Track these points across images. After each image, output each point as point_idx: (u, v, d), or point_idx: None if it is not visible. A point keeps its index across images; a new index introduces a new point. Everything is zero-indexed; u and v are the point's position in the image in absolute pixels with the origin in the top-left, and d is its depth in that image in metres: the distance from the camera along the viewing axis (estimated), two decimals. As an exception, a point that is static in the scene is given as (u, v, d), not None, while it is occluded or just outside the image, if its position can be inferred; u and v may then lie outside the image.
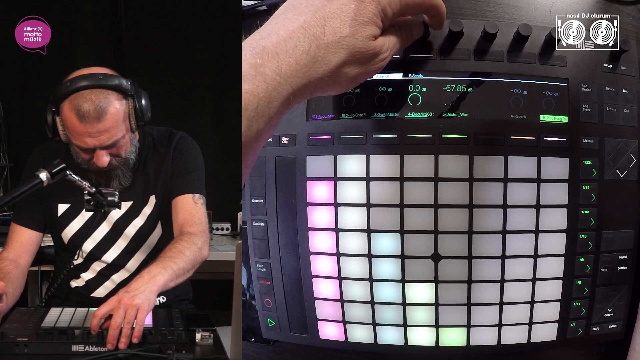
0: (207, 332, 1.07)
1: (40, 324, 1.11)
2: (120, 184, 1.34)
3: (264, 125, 0.68)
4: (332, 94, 0.75)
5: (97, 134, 1.24)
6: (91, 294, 1.39)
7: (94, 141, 1.25)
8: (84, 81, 1.25)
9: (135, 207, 1.38)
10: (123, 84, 1.27)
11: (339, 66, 0.70)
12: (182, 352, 1.00)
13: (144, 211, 1.38)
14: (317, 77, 0.69)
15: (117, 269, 1.39)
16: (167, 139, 1.42)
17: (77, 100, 1.23)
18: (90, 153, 1.28)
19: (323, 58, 0.69)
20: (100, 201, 1.21)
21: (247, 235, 0.96)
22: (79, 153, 1.30)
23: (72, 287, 1.40)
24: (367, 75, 0.74)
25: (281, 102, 0.68)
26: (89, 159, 1.30)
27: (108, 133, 1.25)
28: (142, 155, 1.39)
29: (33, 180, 1.10)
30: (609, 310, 0.90)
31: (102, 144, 1.26)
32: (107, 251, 1.38)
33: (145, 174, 1.39)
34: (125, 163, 1.33)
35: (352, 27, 0.69)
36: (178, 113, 2.38)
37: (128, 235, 1.38)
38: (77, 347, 1.02)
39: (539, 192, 0.87)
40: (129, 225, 1.38)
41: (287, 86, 0.67)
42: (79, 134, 1.25)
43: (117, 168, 1.32)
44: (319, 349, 0.95)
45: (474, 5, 0.97)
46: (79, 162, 1.32)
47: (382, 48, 0.73)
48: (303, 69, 0.68)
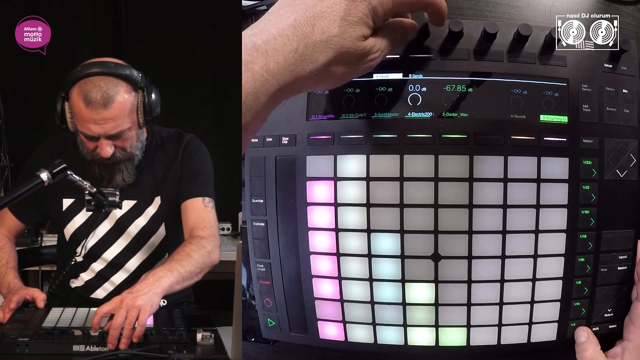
0: (208, 332, 1.07)
1: (41, 324, 1.11)
2: (123, 180, 1.34)
3: (251, 118, 0.69)
4: (320, 90, 0.75)
5: (103, 121, 1.24)
6: (90, 295, 1.39)
7: (99, 129, 1.25)
8: (94, 68, 1.25)
9: (139, 207, 1.38)
10: (134, 75, 1.28)
11: (327, 65, 0.70)
12: (183, 352, 1.00)
13: (147, 211, 1.38)
14: (305, 75, 0.70)
15: (116, 269, 1.39)
16: (176, 140, 1.42)
17: (86, 85, 1.23)
18: (95, 141, 1.28)
19: (311, 57, 0.69)
20: (101, 201, 1.21)
21: (247, 235, 0.96)
22: (84, 142, 1.30)
23: (72, 287, 1.40)
24: (355, 74, 0.74)
25: (268, 97, 0.69)
26: (94, 149, 1.29)
27: (113, 122, 1.25)
28: (150, 154, 1.38)
29: (34, 180, 1.10)
30: (609, 310, 0.90)
31: (106, 132, 1.26)
32: (108, 249, 1.38)
33: (152, 173, 1.39)
34: (130, 158, 1.33)
35: (341, 26, 0.70)
36: (178, 113, 2.38)
37: (130, 234, 1.38)
38: (78, 347, 1.02)
39: (539, 192, 0.87)
40: (132, 224, 1.38)
41: (274, 83, 0.68)
42: (84, 120, 1.25)
43: (121, 162, 1.32)
44: (319, 349, 0.95)
45: (474, 5, 0.97)
46: (84, 152, 1.31)
47: (372, 48, 0.73)
48: (290, 66, 0.69)
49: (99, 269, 1.39)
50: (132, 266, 1.39)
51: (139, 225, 1.38)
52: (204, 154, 1.44)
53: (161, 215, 1.39)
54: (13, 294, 1.21)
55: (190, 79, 2.52)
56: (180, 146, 1.41)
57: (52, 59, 2.18)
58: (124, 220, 1.38)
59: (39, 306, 1.22)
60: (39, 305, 1.22)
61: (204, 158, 1.44)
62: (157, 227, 1.40)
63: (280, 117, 0.93)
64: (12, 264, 1.36)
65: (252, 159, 0.94)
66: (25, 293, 1.23)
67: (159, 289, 1.14)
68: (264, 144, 0.93)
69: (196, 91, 2.54)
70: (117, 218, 1.38)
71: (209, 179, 1.43)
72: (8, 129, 2.37)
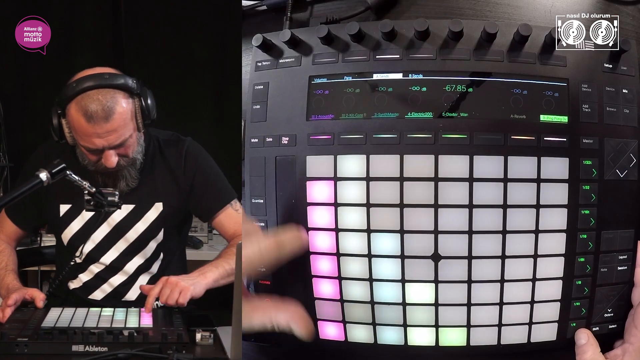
0: (208, 332, 1.07)
1: (41, 324, 1.11)
2: (127, 185, 1.34)
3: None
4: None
5: (106, 134, 1.24)
6: (88, 296, 1.39)
7: (103, 142, 1.25)
8: (90, 81, 1.24)
9: (138, 211, 1.38)
10: (129, 83, 1.27)
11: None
12: (182, 352, 1.00)
13: (147, 216, 1.38)
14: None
15: (114, 271, 1.39)
16: (174, 145, 1.42)
17: (84, 100, 1.23)
18: (98, 154, 1.28)
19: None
20: (101, 201, 1.21)
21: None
22: (86, 155, 1.29)
23: (70, 288, 1.40)
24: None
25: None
26: (97, 160, 1.29)
27: (116, 133, 1.25)
28: (148, 157, 1.38)
29: (33, 180, 1.10)
30: (609, 310, 0.90)
31: (110, 144, 1.26)
32: (106, 253, 1.38)
33: (151, 178, 1.38)
34: (133, 163, 1.33)
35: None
36: (178, 113, 2.38)
37: (128, 239, 1.38)
38: (77, 347, 1.02)
39: (539, 192, 0.87)
40: (131, 229, 1.38)
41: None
42: (87, 135, 1.25)
43: (124, 168, 1.32)
44: (319, 349, 0.95)
45: (474, 5, 0.97)
46: (85, 164, 1.31)
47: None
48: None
49: (98, 270, 1.39)
50: (130, 269, 1.39)
51: (139, 231, 1.38)
52: (206, 157, 1.45)
53: (162, 220, 1.39)
54: (12, 293, 1.22)
55: (190, 79, 2.51)
56: (180, 152, 1.41)
57: (52, 59, 2.18)
58: (123, 224, 1.37)
59: (38, 306, 1.22)
60: (38, 305, 1.22)
61: (209, 161, 1.45)
62: (156, 232, 1.39)
63: (280, 117, 0.93)
64: (12, 266, 1.37)
65: (252, 159, 0.94)
66: (25, 293, 1.23)
67: (203, 280, 1.24)
68: (264, 144, 0.93)
69: (196, 91, 2.53)
70: (115, 223, 1.37)
71: (222, 179, 1.45)
72: (8, 129, 2.36)
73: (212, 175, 1.43)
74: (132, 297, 1.39)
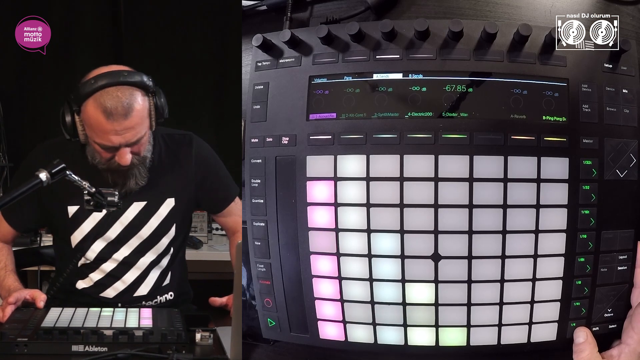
0: (207, 332, 1.07)
1: (40, 324, 1.11)
2: (137, 183, 1.34)
3: None
4: None
5: (124, 131, 1.24)
6: (100, 294, 1.39)
7: (120, 139, 1.25)
8: (108, 78, 1.24)
9: (150, 208, 1.38)
10: (146, 81, 1.28)
11: None
12: (182, 352, 1.00)
13: (159, 212, 1.38)
14: None
15: (127, 268, 1.38)
16: (186, 144, 1.44)
17: (103, 97, 1.23)
18: (113, 151, 1.28)
19: None
20: (100, 201, 1.20)
21: (247, 235, 0.96)
22: (100, 152, 1.29)
23: (79, 288, 1.39)
24: None
25: None
26: (110, 158, 1.29)
27: (134, 130, 1.25)
28: (155, 154, 1.39)
29: (32, 180, 1.10)
30: (609, 310, 0.90)
31: (127, 141, 1.26)
32: (118, 250, 1.38)
33: (161, 174, 1.39)
34: (143, 161, 1.33)
35: None
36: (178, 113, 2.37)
37: (142, 236, 1.38)
38: (77, 347, 1.02)
39: (539, 192, 0.87)
40: (145, 226, 1.38)
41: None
42: (104, 132, 1.24)
43: (134, 167, 1.32)
44: (319, 349, 0.95)
45: (474, 5, 0.97)
46: (96, 162, 1.31)
47: None
48: None
49: (110, 269, 1.38)
50: (144, 264, 1.39)
51: (152, 227, 1.38)
52: (214, 155, 1.48)
53: (174, 216, 1.39)
54: (12, 293, 1.22)
55: (190, 79, 2.51)
56: (190, 151, 1.43)
57: (52, 59, 2.18)
58: (136, 222, 1.37)
59: (38, 306, 1.22)
60: (38, 305, 1.22)
61: (215, 158, 1.48)
62: (169, 228, 1.40)
63: (280, 117, 0.93)
64: (11, 267, 1.37)
65: (252, 159, 0.94)
66: (26, 293, 1.23)
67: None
68: (264, 144, 0.93)
69: (196, 91, 2.53)
70: (129, 221, 1.37)
71: (228, 174, 1.49)
72: (8, 129, 2.36)
73: (220, 171, 1.47)
74: (144, 292, 1.39)
